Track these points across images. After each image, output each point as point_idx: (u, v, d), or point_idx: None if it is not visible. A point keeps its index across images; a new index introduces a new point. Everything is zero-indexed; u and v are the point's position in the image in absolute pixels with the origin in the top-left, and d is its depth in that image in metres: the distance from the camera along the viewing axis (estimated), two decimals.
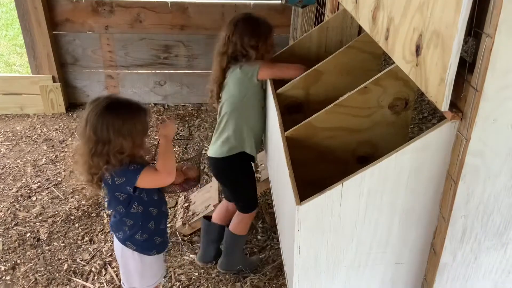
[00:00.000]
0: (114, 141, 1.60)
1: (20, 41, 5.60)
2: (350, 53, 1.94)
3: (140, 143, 1.68)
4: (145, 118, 1.70)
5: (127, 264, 1.87)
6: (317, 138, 1.65)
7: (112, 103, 1.66)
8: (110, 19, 4.08)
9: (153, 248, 1.85)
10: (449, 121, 1.11)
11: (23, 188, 3.19)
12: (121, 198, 1.72)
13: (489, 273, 1.31)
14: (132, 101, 1.72)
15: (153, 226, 1.82)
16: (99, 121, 1.60)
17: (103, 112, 1.61)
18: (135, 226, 1.78)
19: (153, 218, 1.80)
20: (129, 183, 1.64)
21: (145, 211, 1.77)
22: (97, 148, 1.61)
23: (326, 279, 1.38)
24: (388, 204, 1.25)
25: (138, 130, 1.65)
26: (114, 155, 1.61)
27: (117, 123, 1.61)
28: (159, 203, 1.83)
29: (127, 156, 1.64)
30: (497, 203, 1.17)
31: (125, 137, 1.61)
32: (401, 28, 1.20)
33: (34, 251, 2.64)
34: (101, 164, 1.62)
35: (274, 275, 2.47)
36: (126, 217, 1.77)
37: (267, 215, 2.89)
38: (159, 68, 4.27)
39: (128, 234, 1.80)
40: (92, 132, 1.61)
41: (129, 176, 1.64)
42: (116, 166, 1.63)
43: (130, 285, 1.93)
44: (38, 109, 4.24)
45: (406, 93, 1.59)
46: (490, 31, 0.95)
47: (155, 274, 1.93)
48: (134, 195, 1.70)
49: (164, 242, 1.91)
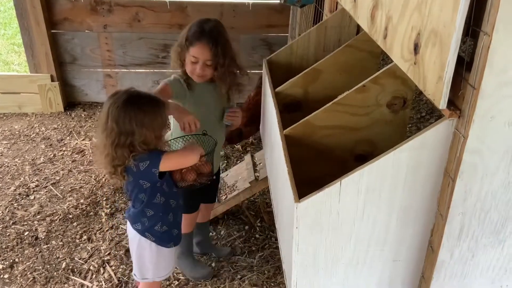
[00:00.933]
0: (137, 132, 1.63)
1: (19, 40, 5.59)
2: (349, 52, 1.94)
3: (159, 135, 1.71)
4: (164, 111, 1.73)
5: (143, 255, 1.89)
6: (316, 136, 1.66)
7: (132, 96, 1.70)
8: (108, 18, 4.08)
9: (171, 240, 1.89)
10: (447, 119, 1.12)
11: (21, 187, 3.19)
12: (144, 186, 1.74)
13: (486, 271, 1.31)
14: (151, 95, 1.77)
15: (172, 218, 1.85)
16: (121, 114, 1.64)
17: (125, 104, 1.65)
18: (155, 217, 1.80)
19: (171, 210, 1.84)
20: (154, 165, 1.66)
21: (166, 202, 1.81)
22: (120, 140, 1.63)
23: (324, 276, 1.38)
24: (386, 202, 1.26)
25: (158, 122, 1.69)
26: (139, 145, 1.65)
27: (139, 115, 1.64)
28: (177, 196, 1.86)
29: (152, 146, 1.68)
30: (494, 201, 1.18)
31: (148, 129, 1.65)
32: (399, 27, 1.21)
33: (32, 250, 2.64)
34: (125, 154, 1.64)
35: (273, 273, 2.47)
36: (147, 207, 1.79)
37: (265, 214, 2.90)
38: (158, 68, 4.27)
39: (148, 225, 1.82)
40: (115, 124, 1.64)
41: (153, 158, 1.66)
42: (141, 154, 1.66)
43: (143, 276, 1.94)
44: (36, 108, 4.23)
45: (404, 91, 1.60)
46: (488, 29, 0.95)
47: (168, 265, 1.96)
48: (157, 184, 1.73)
49: (180, 234, 1.95)
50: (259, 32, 4.15)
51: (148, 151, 1.66)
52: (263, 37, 4.17)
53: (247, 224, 2.84)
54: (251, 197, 2.96)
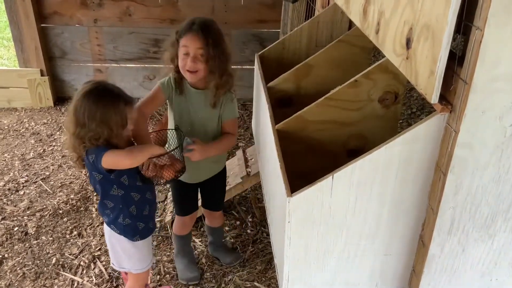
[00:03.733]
0: (88, 125, 1.64)
1: (8, 34, 5.54)
2: (341, 47, 1.95)
3: (118, 133, 1.69)
4: (125, 109, 1.70)
5: (115, 245, 1.92)
6: (308, 131, 1.66)
7: (95, 89, 1.69)
8: (99, 12, 4.04)
9: (135, 234, 1.88)
10: (438, 114, 1.12)
11: (10, 182, 3.16)
12: (97, 178, 1.75)
13: (476, 264, 1.33)
14: (116, 91, 1.73)
15: (135, 212, 1.85)
16: (78, 104, 1.66)
17: (84, 96, 1.66)
18: (115, 209, 1.82)
19: (134, 203, 1.84)
20: (98, 160, 1.67)
21: (126, 195, 1.80)
22: (76, 130, 1.66)
23: (316, 270, 1.39)
24: (377, 196, 1.27)
25: (115, 120, 1.67)
26: (89, 139, 1.66)
27: (92, 109, 1.64)
28: (143, 189, 1.85)
29: (102, 142, 1.67)
30: (485, 195, 1.19)
31: (99, 124, 1.64)
32: (391, 21, 1.21)
33: (22, 245, 2.62)
34: (77, 145, 1.68)
35: (264, 268, 2.48)
36: (106, 199, 1.81)
37: (256, 210, 2.90)
38: (149, 63, 4.24)
39: (112, 217, 1.84)
40: (73, 113, 1.67)
41: (97, 154, 1.67)
42: (91, 148, 1.68)
43: (120, 265, 1.97)
44: (25, 103, 4.19)
45: (396, 86, 1.61)
46: (480, 24, 0.96)
47: (143, 259, 1.96)
48: (109, 176, 1.73)
49: (147, 228, 1.93)
50: (251, 28, 4.14)
51: (97, 146, 1.67)
52: (255, 33, 4.16)
53: (239, 220, 2.84)
54: (243, 193, 2.97)
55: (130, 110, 1.72)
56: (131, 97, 1.77)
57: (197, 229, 2.74)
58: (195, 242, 2.65)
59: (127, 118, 1.71)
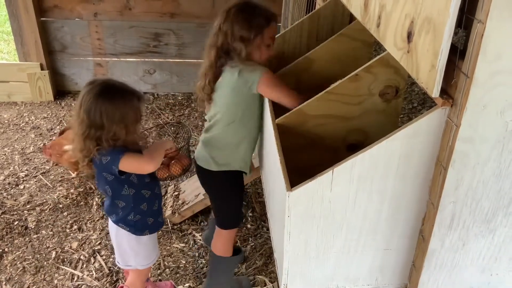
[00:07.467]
0: (107, 127, 1.62)
1: (8, 28, 5.52)
2: (342, 41, 1.93)
3: (133, 130, 1.69)
4: (139, 105, 1.70)
5: (122, 243, 1.91)
6: (308, 125, 1.65)
7: (106, 88, 1.66)
8: (99, 6, 4.03)
9: (145, 229, 1.88)
10: (439, 108, 1.12)
11: (10, 176, 3.16)
12: (108, 179, 1.74)
13: (476, 259, 1.32)
14: (127, 87, 1.72)
15: (146, 208, 1.84)
16: (92, 106, 1.62)
17: (97, 97, 1.63)
18: (127, 207, 1.81)
19: (146, 200, 1.83)
20: (114, 162, 1.65)
21: (137, 193, 1.80)
22: (90, 132, 1.63)
23: (316, 265, 1.39)
24: (377, 191, 1.26)
25: (131, 117, 1.67)
26: (107, 140, 1.63)
27: (110, 109, 1.62)
28: (152, 185, 1.85)
29: (121, 142, 1.66)
30: (486, 190, 1.19)
31: (118, 124, 1.63)
32: (392, 15, 1.20)
33: (22, 239, 2.62)
34: (91, 147, 1.64)
35: (263, 263, 2.48)
36: (117, 199, 1.79)
37: (256, 204, 2.90)
38: (149, 57, 4.23)
39: (121, 215, 1.83)
40: (86, 115, 1.63)
41: (113, 156, 1.65)
42: (106, 149, 1.65)
43: (126, 263, 1.96)
44: (25, 97, 4.18)
45: (397, 81, 1.60)
46: (482, 17, 0.95)
47: (149, 255, 1.96)
48: (120, 177, 1.71)
49: (156, 222, 1.93)
50: None
51: (112, 147, 1.65)
52: None
53: None
54: None
55: (142, 104, 1.73)
56: (140, 91, 1.77)
57: (197, 224, 2.74)
58: (195, 237, 2.65)
59: (141, 114, 1.72)
